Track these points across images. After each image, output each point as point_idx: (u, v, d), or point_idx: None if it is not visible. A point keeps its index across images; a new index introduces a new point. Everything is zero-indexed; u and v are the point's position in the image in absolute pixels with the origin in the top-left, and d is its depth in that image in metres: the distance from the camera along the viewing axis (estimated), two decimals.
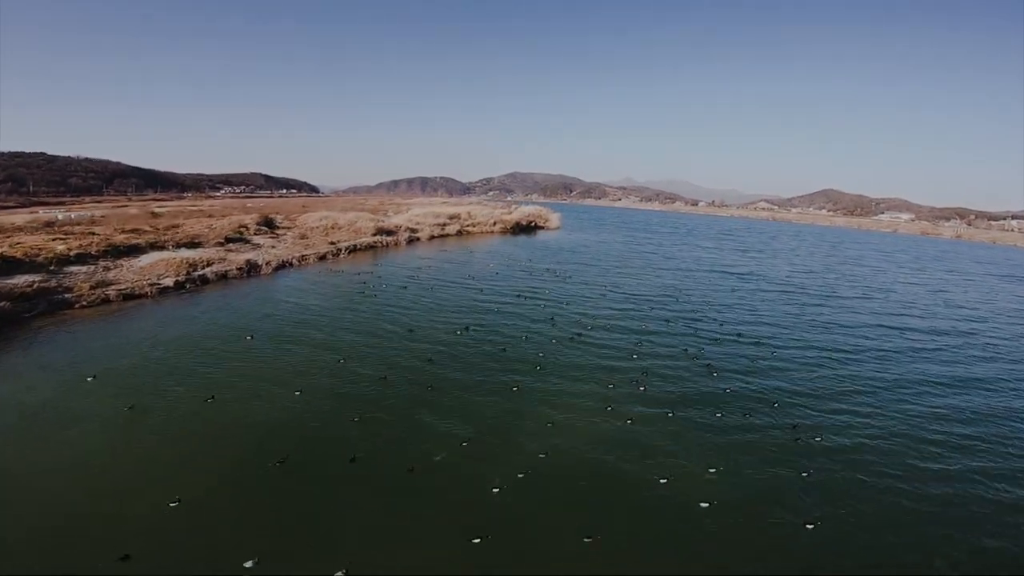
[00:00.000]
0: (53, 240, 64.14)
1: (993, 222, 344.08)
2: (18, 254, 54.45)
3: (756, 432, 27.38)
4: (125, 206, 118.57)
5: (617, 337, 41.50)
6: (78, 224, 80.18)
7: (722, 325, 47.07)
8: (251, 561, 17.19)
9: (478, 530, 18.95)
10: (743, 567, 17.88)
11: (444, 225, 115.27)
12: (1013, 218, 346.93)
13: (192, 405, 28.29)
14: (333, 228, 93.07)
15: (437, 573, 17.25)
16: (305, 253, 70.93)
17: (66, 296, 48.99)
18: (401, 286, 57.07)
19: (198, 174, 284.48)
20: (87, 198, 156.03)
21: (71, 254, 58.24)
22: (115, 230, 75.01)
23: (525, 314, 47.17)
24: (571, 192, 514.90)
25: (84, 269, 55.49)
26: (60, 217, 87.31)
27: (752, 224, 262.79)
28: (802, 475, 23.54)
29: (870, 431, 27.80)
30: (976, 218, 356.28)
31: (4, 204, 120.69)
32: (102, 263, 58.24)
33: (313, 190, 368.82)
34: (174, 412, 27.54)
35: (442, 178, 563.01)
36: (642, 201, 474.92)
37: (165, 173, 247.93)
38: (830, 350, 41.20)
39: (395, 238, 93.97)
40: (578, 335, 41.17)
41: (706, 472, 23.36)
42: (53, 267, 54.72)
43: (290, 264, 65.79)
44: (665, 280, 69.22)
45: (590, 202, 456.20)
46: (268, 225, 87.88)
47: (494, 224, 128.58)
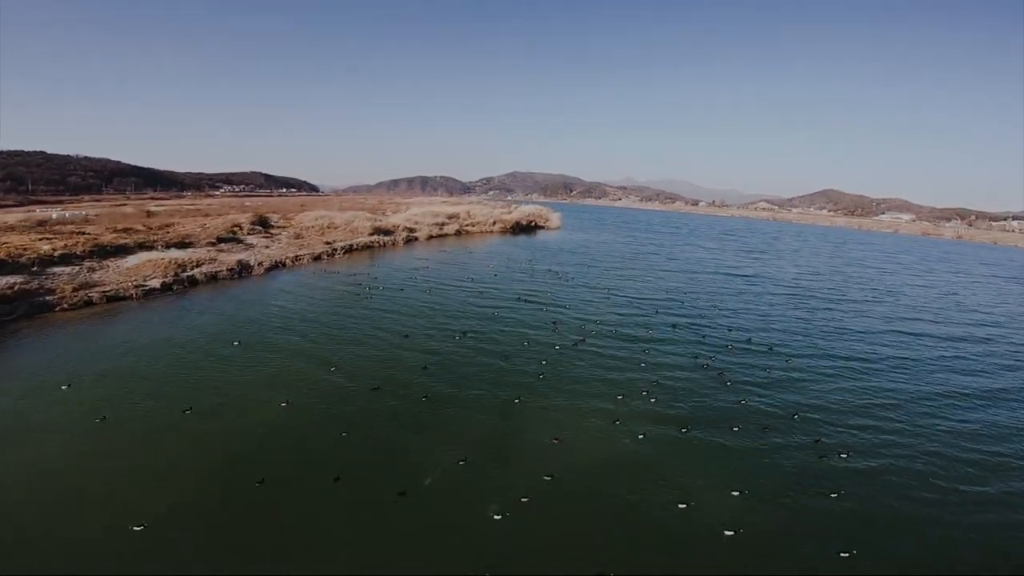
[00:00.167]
0: (40, 240, 62.15)
1: (994, 223, 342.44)
2: (1, 254, 52.44)
3: (777, 449, 25.51)
4: (123, 205, 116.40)
5: (623, 344, 39.60)
6: (70, 223, 78.11)
7: (731, 331, 45.21)
8: None
9: (477, 564, 17.11)
10: None
11: (443, 225, 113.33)
12: (1014, 219, 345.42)
13: (168, 417, 26.40)
14: (329, 228, 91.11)
15: None
16: (299, 253, 68.97)
17: (48, 298, 46.96)
18: (397, 288, 55.14)
19: (198, 173, 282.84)
20: (86, 197, 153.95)
21: (55, 254, 56.18)
22: (106, 229, 72.91)
23: (526, 319, 45.25)
24: (571, 192, 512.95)
25: (68, 270, 53.44)
26: (54, 216, 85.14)
27: (752, 224, 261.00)
28: (831, 496, 21.79)
29: (898, 450, 25.95)
30: (977, 219, 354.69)
31: (2, 203, 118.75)
32: (87, 264, 56.18)
33: (313, 189, 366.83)
34: (148, 424, 25.66)
35: (442, 177, 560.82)
36: (642, 201, 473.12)
37: (165, 172, 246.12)
38: (846, 358, 39.36)
39: (392, 238, 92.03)
40: (581, 342, 39.28)
41: (728, 495, 21.51)
42: (36, 268, 52.71)
43: (283, 265, 63.82)
44: (669, 282, 67.39)
45: (590, 202, 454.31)
46: (263, 224, 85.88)
47: (493, 224, 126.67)
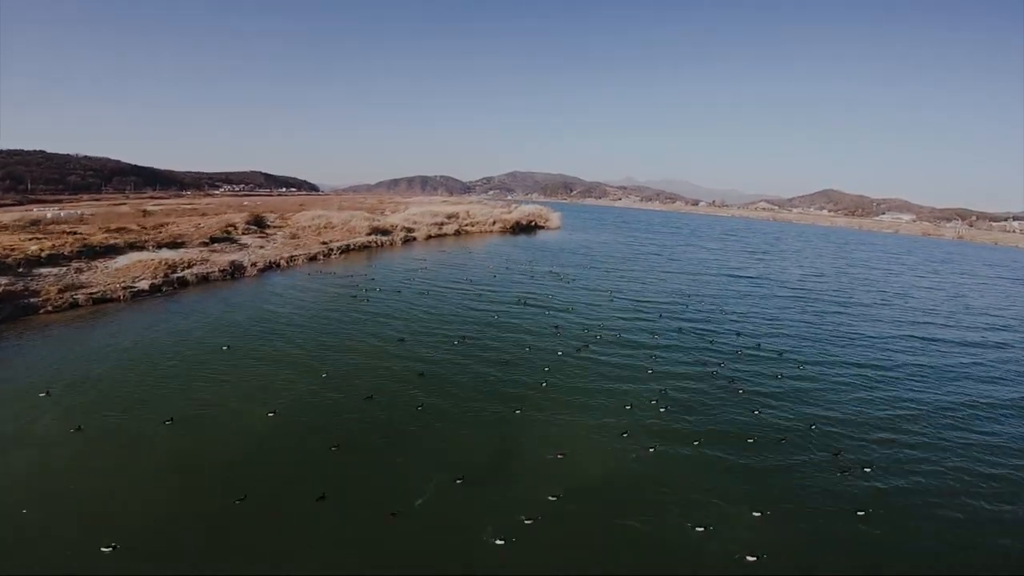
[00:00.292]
0: (29, 240, 60.51)
1: (994, 223, 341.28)
2: None
3: (795, 463, 24.04)
4: (122, 204, 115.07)
5: (628, 350, 38.06)
6: (64, 223, 76.64)
7: (739, 336, 43.69)
8: None
9: None
10: None
11: (442, 224, 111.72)
12: (1014, 219, 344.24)
13: (147, 427, 24.93)
14: (326, 227, 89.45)
15: None
16: (294, 254, 67.36)
17: (32, 300, 45.35)
18: (394, 290, 53.57)
19: (198, 172, 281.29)
20: (84, 196, 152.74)
21: (42, 255, 54.60)
22: (99, 229, 71.30)
23: (526, 323, 43.67)
24: (571, 191, 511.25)
25: (55, 271, 51.83)
26: (49, 215, 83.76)
27: (753, 224, 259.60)
28: (857, 514, 20.47)
29: (923, 465, 24.45)
30: (977, 219, 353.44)
31: (0, 202, 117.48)
32: (75, 264, 54.56)
33: (313, 188, 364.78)
34: (125, 436, 24.19)
35: (442, 177, 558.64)
36: (642, 201, 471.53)
37: (164, 171, 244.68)
38: (860, 366, 37.84)
39: (390, 238, 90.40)
40: (585, 347, 37.71)
41: (748, 516, 20.05)
42: (22, 269, 51.12)
43: (277, 266, 62.21)
44: (672, 284, 65.88)
45: (590, 201, 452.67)
46: (258, 224, 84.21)
47: (493, 224, 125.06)
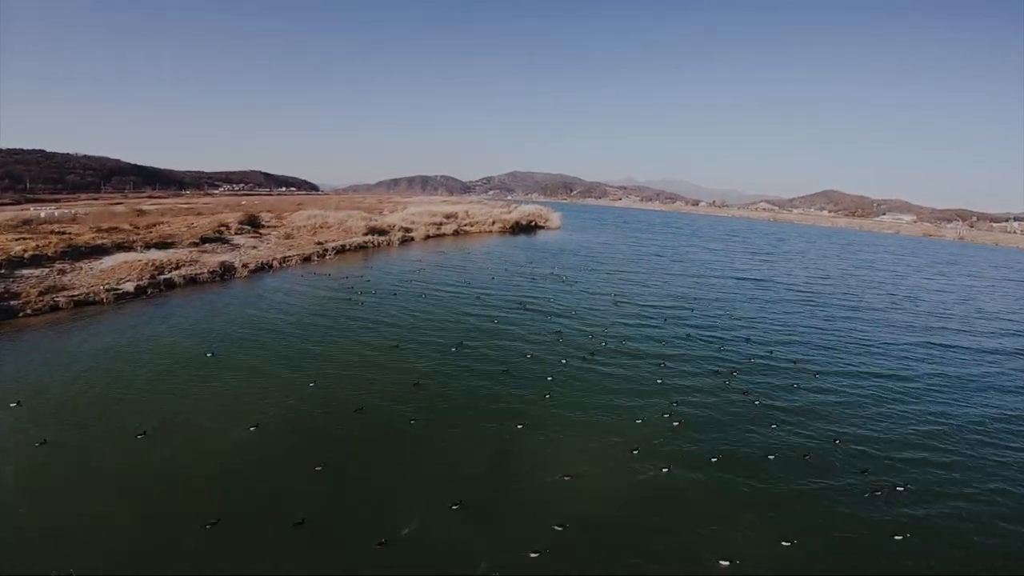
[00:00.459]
0: (15, 240, 58.57)
1: (995, 224, 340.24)
2: None
3: (822, 483, 22.23)
4: (119, 203, 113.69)
5: (635, 359, 36.10)
6: (57, 222, 75.05)
7: (748, 342, 41.84)
8: None
9: None
10: None
11: (440, 224, 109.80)
12: (1015, 220, 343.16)
13: (118, 441, 23.09)
14: (322, 227, 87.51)
15: None
16: (288, 254, 65.41)
17: (11, 303, 43.44)
18: (389, 293, 51.65)
19: (197, 172, 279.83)
20: (83, 195, 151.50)
21: (25, 256, 52.67)
22: (89, 229, 69.53)
23: (527, 329, 41.71)
24: (571, 191, 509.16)
25: (37, 272, 49.86)
26: (43, 215, 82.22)
27: (754, 225, 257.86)
28: (895, 538, 18.76)
29: (962, 486, 22.58)
30: (978, 220, 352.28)
31: None
32: (58, 265, 52.62)
33: (313, 188, 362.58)
34: (95, 450, 22.36)
35: (442, 177, 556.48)
36: (643, 201, 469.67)
37: (164, 170, 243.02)
38: (880, 376, 35.88)
39: (388, 238, 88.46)
40: (590, 355, 35.75)
41: (776, 545, 18.20)
42: (3, 270, 49.15)
43: (270, 267, 60.25)
44: (676, 287, 63.98)
45: (591, 202, 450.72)
46: (252, 224, 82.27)
47: (493, 224, 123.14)
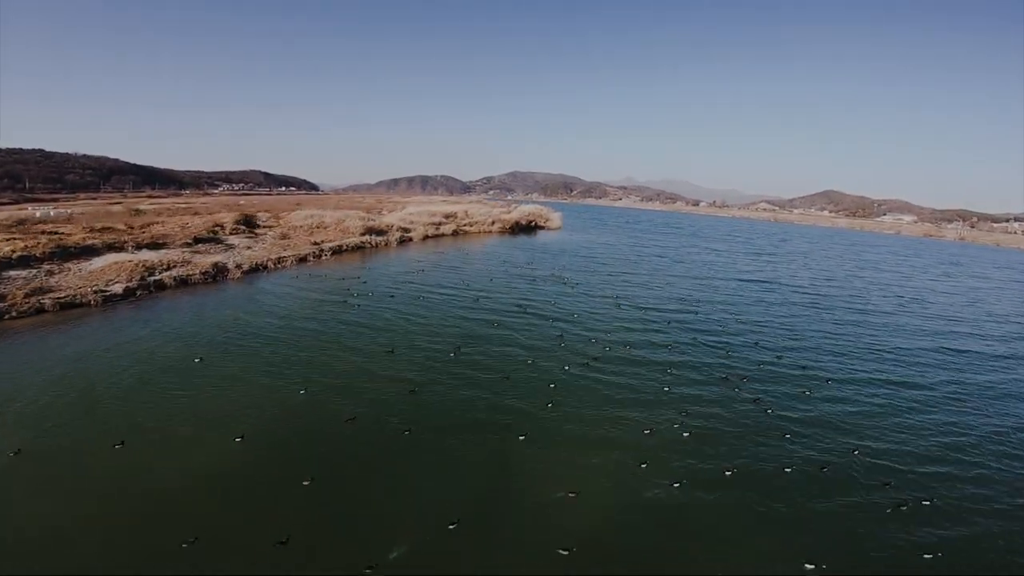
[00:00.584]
0: (5, 240, 57.25)
1: (995, 224, 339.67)
2: None
3: (844, 498, 20.96)
4: (117, 203, 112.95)
5: (640, 364, 34.74)
6: (51, 222, 74.04)
7: (756, 347, 40.48)
8: None
9: None
10: None
11: (439, 225, 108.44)
12: (1015, 220, 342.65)
13: (94, 452, 21.79)
14: (319, 227, 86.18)
15: None
16: (283, 255, 64.02)
17: None
18: (386, 294, 50.27)
19: (197, 171, 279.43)
20: (82, 195, 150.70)
21: (13, 256, 51.33)
22: (82, 229, 68.29)
23: (528, 333, 40.31)
24: (571, 191, 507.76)
25: (24, 274, 48.53)
26: (38, 215, 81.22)
27: (755, 225, 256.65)
28: (924, 556, 17.71)
29: (993, 503, 21.22)
30: (979, 220, 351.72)
31: None
32: (47, 266, 51.32)
33: (313, 188, 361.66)
34: (67, 461, 21.07)
35: (443, 177, 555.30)
36: (643, 201, 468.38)
37: (164, 170, 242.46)
38: (894, 384, 34.37)
39: (385, 238, 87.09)
40: (594, 361, 34.37)
41: (800, 568, 16.93)
42: None
43: (264, 267, 58.85)
44: (680, 289, 62.59)
45: (591, 201, 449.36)
46: (247, 224, 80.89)
47: (492, 224, 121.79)
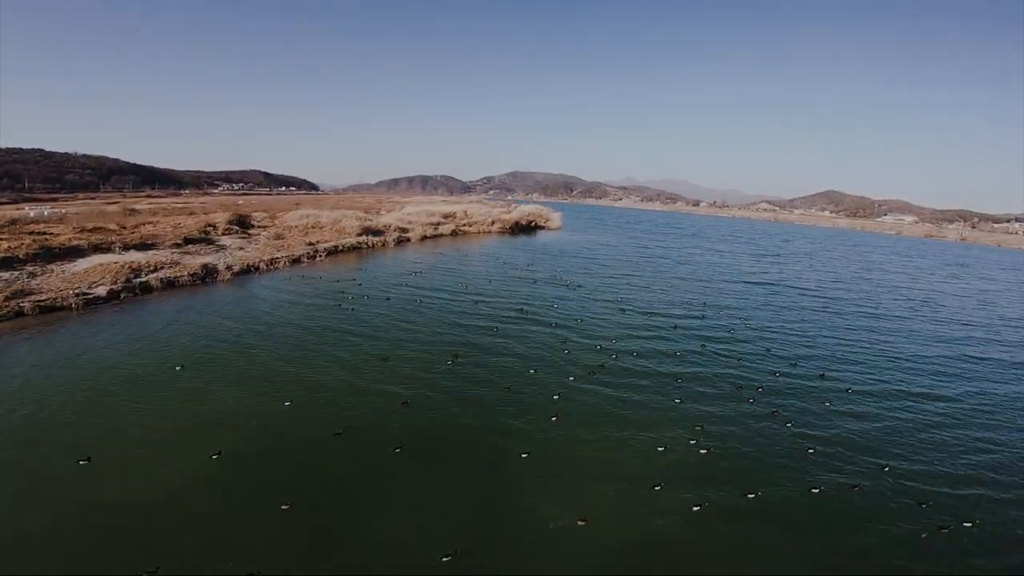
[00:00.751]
0: None
1: (996, 224, 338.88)
2: None
3: (880, 522, 19.17)
4: (114, 203, 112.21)
5: (648, 373, 32.77)
6: (42, 222, 72.55)
7: (768, 354, 38.59)
8: None
9: None
10: None
11: (438, 225, 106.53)
12: (1016, 220, 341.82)
13: (58, 467, 19.94)
14: (314, 227, 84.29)
15: None
16: (276, 256, 62.06)
17: None
18: (382, 297, 48.35)
19: (197, 171, 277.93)
20: (81, 194, 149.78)
21: None
22: (72, 229, 66.49)
23: (529, 339, 38.34)
24: (572, 191, 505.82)
25: (6, 276, 46.55)
26: (32, 214, 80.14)
27: (756, 225, 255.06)
28: None
29: None
30: (979, 221, 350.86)
31: None
32: (29, 268, 49.38)
33: (313, 188, 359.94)
34: (23, 480, 19.16)
35: (443, 176, 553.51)
36: (643, 201, 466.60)
37: (164, 170, 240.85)
38: (919, 396, 32.32)
39: (382, 239, 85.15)
40: (600, 369, 32.44)
41: None
42: None
43: (256, 269, 56.88)
44: (684, 292, 60.68)
45: (591, 201, 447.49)
46: (241, 224, 78.97)
47: (492, 224, 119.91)
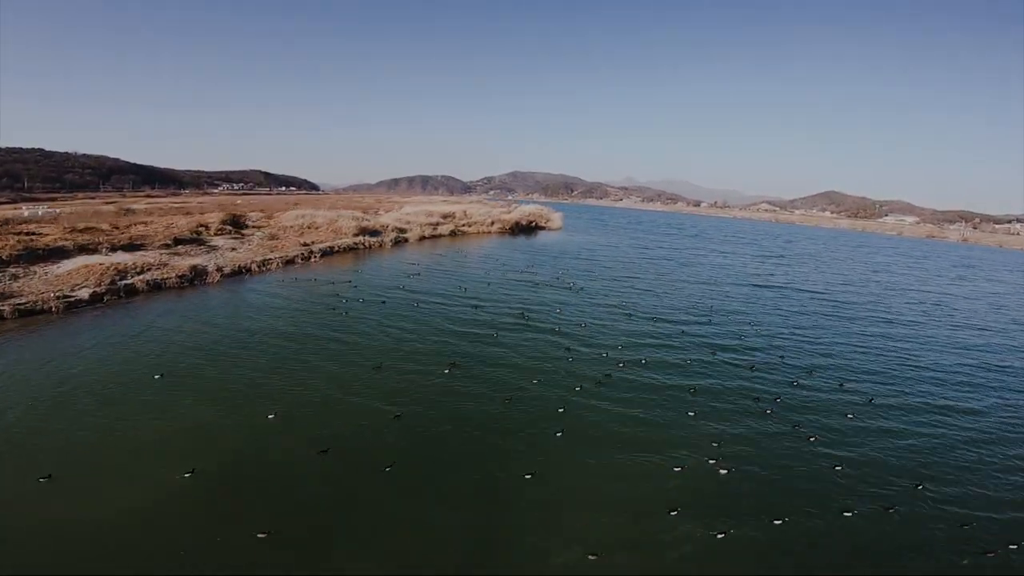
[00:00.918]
0: None
1: (997, 225, 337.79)
2: None
3: (923, 549, 17.68)
4: (114, 202, 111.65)
5: (658, 383, 30.94)
6: (36, 222, 70.84)
7: (782, 360, 36.82)
8: None
9: None
10: None
11: (436, 225, 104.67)
12: (1017, 221, 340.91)
13: (17, 486, 18.26)
14: (310, 228, 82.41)
15: None
16: (269, 257, 60.20)
17: None
18: (377, 300, 46.54)
19: (197, 171, 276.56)
20: (80, 194, 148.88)
21: None
22: (63, 229, 64.68)
23: (531, 346, 36.48)
24: (572, 192, 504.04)
25: None
26: (26, 214, 78.96)
27: (758, 226, 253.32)
28: None
29: None
30: (981, 222, 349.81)
31: None
32: (12, 269, 47.53)
33: (313, 188, 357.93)
34: None
35: (443, 177, 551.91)
36: (644, 201, 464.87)
37: (164, 170, 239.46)
38: (946, 409, 30.45)
39: (380, 239, 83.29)
40: (607, 379, 30.62)
41: None
42: None
43: (248, 270, 55.02)
44: (690, 295, 58.80)
45: (591, 202, 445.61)
46: (234, 224, 77.10)
47: (492, 224, 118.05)
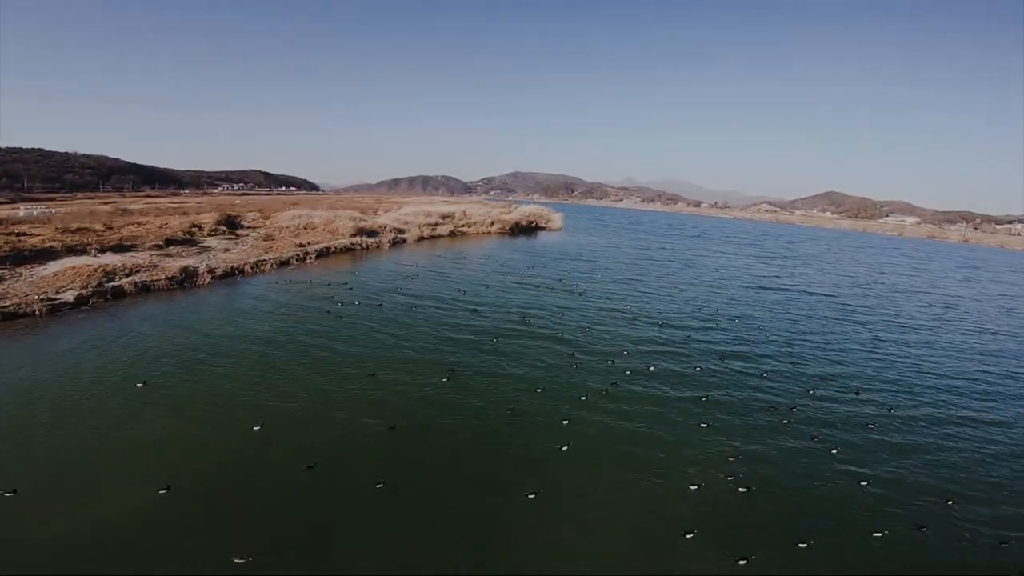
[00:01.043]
0: None
1: (998, 226, 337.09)
2: None
3: (961, 571, 16.37)
4: (112, 202, 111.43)
5: (667, 392, 29.43)
6: (29, 223, 69.70)
7: (794, 366, 35.34)
8: None
9: None
10: None
11: (435, 225, 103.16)
12: (1018, 222, 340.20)
13: None
14: (306, 228, 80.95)
15: None
16: (263, 258, 58.65)
17: None
18: (373, 303, 45.01)
19: (197, 171, 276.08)
20: (79, 194, 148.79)
21: None
22: (55, 230, 63.24)
23: (533, 352, 34.92)
24: (572, 192, 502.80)
25: None
26: (22, 214, 78.05)
27: (759, 226, 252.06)
28: None
29: None
30: (982, 222, 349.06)
31: None
32: None
33: (313, 188, 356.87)
34: None
35: (443, 177, 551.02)
36: (644, 202, 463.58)
37: (164, 170, 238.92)
38: (973, 420, 28.92)
39: (377, 240, 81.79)
40: (614, 387, 29.11)
41: None
42: None
43: (240, 271, 53.47)
44: (695, 298, 57.27)
45: (592, 202, 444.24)
46: (229, 224, 75.61)
47: (491, 224, 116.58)
